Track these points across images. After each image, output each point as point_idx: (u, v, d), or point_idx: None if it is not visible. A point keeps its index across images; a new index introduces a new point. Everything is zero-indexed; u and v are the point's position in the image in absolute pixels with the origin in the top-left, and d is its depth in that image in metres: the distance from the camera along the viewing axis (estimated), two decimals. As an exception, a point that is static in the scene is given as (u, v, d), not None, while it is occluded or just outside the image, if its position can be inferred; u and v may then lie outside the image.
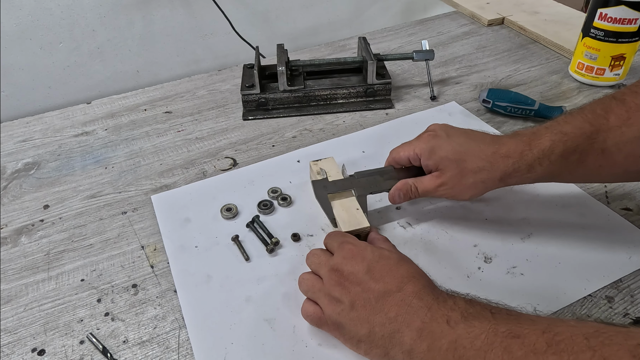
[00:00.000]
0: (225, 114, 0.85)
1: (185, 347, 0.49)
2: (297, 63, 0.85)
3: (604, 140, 0.48)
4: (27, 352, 0.50)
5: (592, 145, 0.49)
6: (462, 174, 0.53)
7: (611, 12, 0.79)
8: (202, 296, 0.54)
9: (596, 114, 0.49)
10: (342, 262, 0.46)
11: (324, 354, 0.47)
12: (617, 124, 0.48)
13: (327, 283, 0.46)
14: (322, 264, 0.48)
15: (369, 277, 0.44)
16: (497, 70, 0.93)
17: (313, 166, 0.66)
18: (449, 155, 0.54)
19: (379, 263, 0.45)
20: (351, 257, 0.46)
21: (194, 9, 1.16)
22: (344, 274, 0.45)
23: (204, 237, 0.61)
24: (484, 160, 0.52)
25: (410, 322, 0.40)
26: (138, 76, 1.18)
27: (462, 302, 0.40)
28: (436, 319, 0.39)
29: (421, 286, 0.42)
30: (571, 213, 0.61)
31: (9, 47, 1.02)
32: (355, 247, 0.47)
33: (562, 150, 0.49)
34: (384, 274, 0.44)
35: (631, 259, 0.55)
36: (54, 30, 1.04)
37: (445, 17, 1.15)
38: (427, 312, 0.40)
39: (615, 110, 0.49)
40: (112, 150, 0.78)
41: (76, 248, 0.61)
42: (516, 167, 0.51)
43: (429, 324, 0.39)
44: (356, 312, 0.43)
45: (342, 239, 0.49)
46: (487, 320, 0.37)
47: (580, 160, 0.50)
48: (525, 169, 0.51)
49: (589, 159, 0.49)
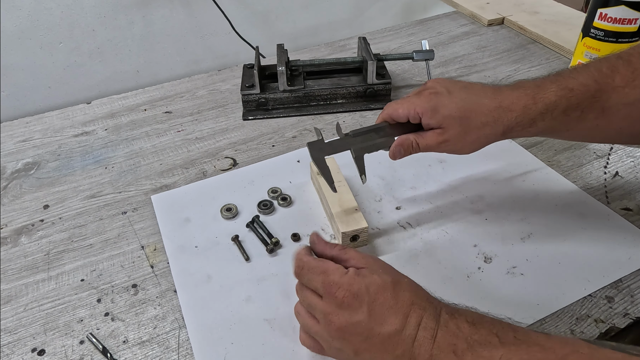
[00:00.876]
0: (225, 114, 0.85)
1: (185, 347, 0.49)
2: (297, 63, 0.85)
3: (607, 100, 0.48)
4: (27, 352, 0.50)
5: (594, 103, 0.48)
6: (465, 130, 0.51)
7: (611, 12, 0.79)
8: (202, 296, 0.54)
9: (602, 72, 0.49)
10: (338, 313, 0.40)
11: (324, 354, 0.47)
12: (621, 84, 0.47)
13: (326, 332, 0.42)
14: (314, 307, 0.43)
15: (372, 324, 0.39)
16: (497, 70, 0.93)
17: (313, 166, 0.66)
18: (452, 113, 0.51)
19: (377, 301, 0.40)
20: (348, 306, 0.40)
21: (194, 9, 1.16)
22: (343, 327, 0.40)
23: (204, 237, 0.61)
24: (488, 116, 0.50)
25: (417, 356, 0.38)
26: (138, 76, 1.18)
27: (465, 325, 0.38)
28: (442, 349, 0.37)
29: (423, 311, 0.40)
30: (571, 213, 0.61)
31: (9, 47, 1.02)
32: (347, 291, 0.40)
33: (566, 106, 0.49)
34: (385, 314, 0.40)
35: (631, 259, 0.55)
36: (54, 30, 1.04)
37: (445, 17, 1.15)
38: (433, 343, 0.38)
39: (621, 71, 0.48)
40: (112, 150, 0.78)
41: (76, 248, 0.61)
42: (519, 120, 0.50)
43: (436, 356, 0.38)
44: (361, 357, 0.41)
45: (324, 279, 0.42)
46: (496, 348, 0.35)
47: (580, 117, 0.49)
48: (528, 123, 0.50)
49: (589, 116, 0.49)
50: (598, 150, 0.72)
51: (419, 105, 0.52)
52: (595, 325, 0.49)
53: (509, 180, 0.64)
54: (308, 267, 0.44)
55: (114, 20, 1.09)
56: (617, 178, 0.67)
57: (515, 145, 0.73)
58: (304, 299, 0.44)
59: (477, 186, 0.66)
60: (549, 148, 0.73)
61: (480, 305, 0.50)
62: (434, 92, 0.53)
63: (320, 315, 0.42)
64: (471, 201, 0.64)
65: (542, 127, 0.50)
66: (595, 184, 0.66)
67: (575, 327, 0.49)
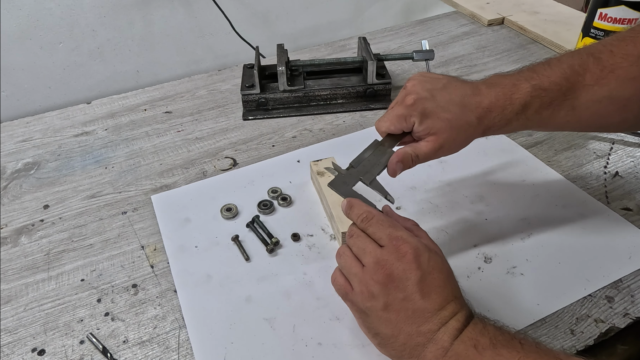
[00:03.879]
0: (225, 114, 0.85)
1: (185, 347, 0.49)
2: (297, 63, 0.85)
3: (576, 98, 0.49)
4: (27, 352, 0.50)
5: (565, 102, 0.50)
6: (457, 132, 0.52)
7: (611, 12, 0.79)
8: (202, 296, 0.54)
9: (574, 70, 0.50)
10: (394, 263, 0.42)
11: (324, 353, 0.48)
12: (590, 82, 0.49)
13: (369, 275, 0.42)
14: (367, 253, 0.43)
15: (417, 289, 0.41)
16: (497, 70, 0.93)
17: (313, 166, 0.66)
18: (440, 117, 0.51)
19: (431, 275, 0.41)
20: (407, 261, 0.41)
21: (194, 9, 1.16)
22: (392, 276, 0.41)
23: (204, 237, 0.61)
24: (471, 116, 0.51)
25: (439, 340, 0.39)
26: (138, 76, 1.18)
27: (492, 327, 0.40)
28: (464, 341, 0.39)
29: (461, 307, 0.41)
30: (571, 213, 0.61)
31: (9, 47, 1.02)
32: (412, 249, 0.42)
33: (539, 106, 0.50)
34: (432, 290, 0.41)
35: (631, 258, 0.55)
36: (54, 30, 1.04)
37: (445, 17, 1.15)
38: (458, 335, 0.39)
39: (591, 69, 0.49)
40: (112, 150, 0.78)
41: (76, 248, 0.61)
42: (496, 121, 0.51)
43: (456, 345, 0.39)
44: (387, 314, 0.41)
45: (392, 232, 0.43)
46: (516, 350, 0.37)
47: (552, 115, 0.51)
48: (504, 122, 0.51)
49: (560, 114, 0.50)
50: (598, 150, 0.72)
51: (407, 116, 0.52)
52: (595, 325, 0.49)
53: (509, 180, 0.64)
54: (378, 219, 0.45)
55: (114, 20, 1.09)
56: (617, 178, 0.67)
57: (515, 146, 0.73)
58: (358, 244, 0.45)
59: (477, 186, 0.66)
60: (549, 148, 0.73)
61: (480, 305, 0.51)
62: (417, 97, 0.52)
63: (372, 260, 0.43)
64: (471, 201, 0.64)
65: (516, 126, 0.52)
66: (595, 184, 0.66)
67: (575, 327, 0.49)
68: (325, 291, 0.53)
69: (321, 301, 0.53)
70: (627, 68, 0.47)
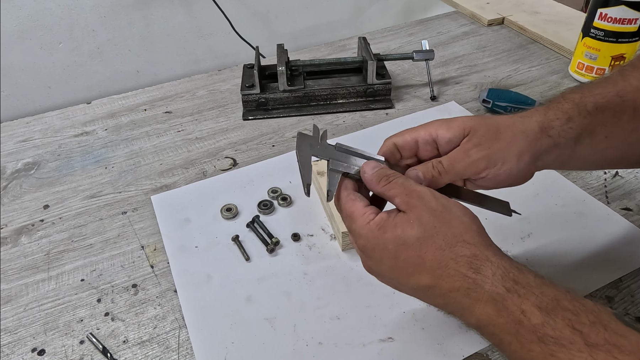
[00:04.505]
0: (225, 114, 0.85)
1: (185, 347, 0.49)
2: (297, 63, 0.85)
3: (634, 100, 0.43)
4: (27, 352, 0.50)
5: (622, 103, 0.43)
6: (496, 129, 0.42)
7: (611, 12, 0.79)
8: (203, 296, 0.54)
9: (613, 79, 0.45)
10: (362, 257, 0.40)
11: (325, 353, 0.48)
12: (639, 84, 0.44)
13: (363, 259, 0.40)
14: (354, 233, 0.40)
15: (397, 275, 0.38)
16: (497, 70, 0.93)
17: (313, 166, 0.66)
18: (471, 118, 0.43)
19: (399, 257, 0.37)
20: (369, 256, 0.39)
21: (194, 9, 1.16)
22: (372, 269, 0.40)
23: (204, 237, 0.61)
24: (512, 117, 0.43)
25: (463, 316, 0.36)
26: (138, 76, 1.18)
27: (535, 310, 0.33)
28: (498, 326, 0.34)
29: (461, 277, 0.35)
30: (571, 213, 0.61)
31: (9, 47, 1.02)
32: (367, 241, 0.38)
33: (594, 103, 0.43)
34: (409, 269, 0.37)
35: (631, 258, 0.55)
36: (54, 30, 1.04)
37: (445, 17, 1.15)
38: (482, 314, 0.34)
39: (633, 74, 0.45)
40: (112, 150, 0.78)
41: (76, 248, 0.61)
42: (551, 115, 0.43)
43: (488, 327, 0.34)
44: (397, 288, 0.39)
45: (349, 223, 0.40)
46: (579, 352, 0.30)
47: (615, 116, 0.43)
48: (564, 116, 0.42)
49: (624, 117, 0.43)
50: (598, 150, 0.72)
51: (429, 126, 0.43)
52: (595, 325, 0.49)
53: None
54: (340, 207, 0.41)
55: (114, 20, 1.09)
56: (617, 178, 0.67)
57: (515, 145, 0.73)
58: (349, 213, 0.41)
59: (477, 186, 0.66)
60: (549, 148, 0.72)
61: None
62: (441, 120, 0.44)
63: (356, 244, 0.40)
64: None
65: (580, 124, 0.43)
66: (595, 183, 0.66)
67: (575, 326, 0.49)
68: (325, 291, 0.53)
69: (321, 301, 0.53)
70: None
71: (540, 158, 0.43)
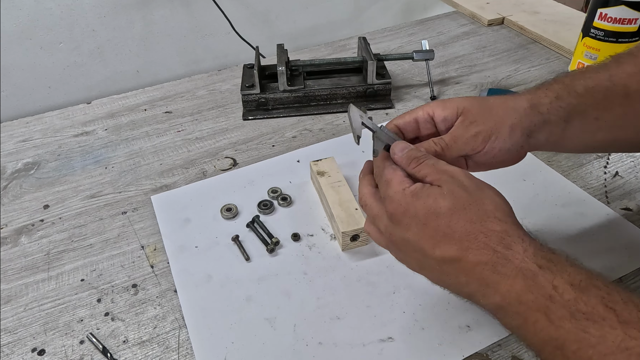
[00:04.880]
0: (225, 114, 0.85)
1: (185, 347, 0.49)
2: (297, 63, 0.85)
3: (626, 85, 0.44)
4: (27, 352, 0.50)
5: (613, 86, 0.44)
6: (488, 107, 0.44)
7: (611, 12, 0.79)
8: (203, 296, 0.54)
9: (607, 65, 0.46)
10: (388, 224, 0.40)
11: (325, 353, 0.48)
12: (634, 70, 0.45)
13: (387, 239, 0.41)
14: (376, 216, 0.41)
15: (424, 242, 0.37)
16: (497, 70, 0.93)
17: (313, 166, 0.66)
18: (465, 98, 0.46)
19: (428, 226, 0.37)
20: (397, 220, 0.39)
21: (194, 9, 1.16)
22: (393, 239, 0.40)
23: (204, 237, 0.61)
24: (504, 97, 0.45)
25: (486, 295, 0.35)
26: (138, 76, 1.18)
27: (568, 287, 0.32)
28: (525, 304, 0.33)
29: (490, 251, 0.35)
30: (571, 213, 0.61)
31: (9, 47, 1.02)
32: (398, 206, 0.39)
33: (584, 85, 0.45)
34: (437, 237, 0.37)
35: (631, 258, 0.55)
36: (54, 30, 1.04)
37: (445, 17, 1.15)
38: (509, 291, 0.34)
39: (627, 61, 0.45)
40: (112, 150, 0.78)
41: (76, 248, 0.61)
42: (541, 94, 0.45)
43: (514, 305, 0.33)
44: (425, 272, 0.39)
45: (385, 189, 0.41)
46: (611, 328, 0.29)
47: (605, 99, 0.44)
48: (552, 94, 0.44)
49: (615, 100, 0.44)
50: (598, 150, 0.72)
51: (426, 106, 0.46)
52: (595, 325, 0.49)
53: (509, 179, 0.64)
54: (380, 174, 0.43)
55: (114, 20, 1.09)
56: (617, 178, 0.67)
57: (515, 145, 0.73)
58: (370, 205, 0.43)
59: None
60: (549, 148, 0.73)
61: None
62: (438, 100, 0.48)
63: (383, 223, 0.41)
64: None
65: (571, 103, 0.44)
66: (595, 183, 0.66)
67: (575, 326, 0.49)
68: (325, 291, 0.53)
69: (321, 301, 0.52)
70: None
71: (532, 135, 0.44)
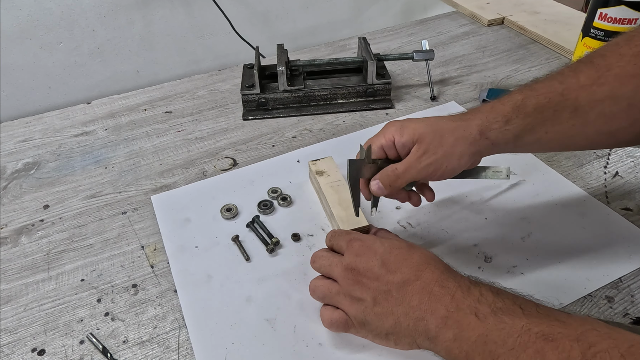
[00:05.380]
0: (225, 114, 0.85)
1: (185, 347, 0.49)
2: (297, 63, 0.85)
3: (576, 98, 0.47)
4: (27, 352, 0.50)
5: (564, 101, 0.48)
6: (440, 135, 0.49)
7: (611, 12, 0.79)
8: (203, 296, 0.54)
9: (565, 74, 0.49)
10: (355, 260, 0.46)
11: (325, 354, 0.48)
12: (587, 83, 0.47)
13: (345, 284, 0.46)
14: (333, 265, 0.47)
15: (385, 270, 0.44)
16: (497, 70, 0.93)
17: (312, 166, 0.66)
18: (420, 125, 0.50)
19: (391, 254, 0.45)
20: (363, 254, 0.46)
21: (194, 9, 1.16)
22: (359, 271, 0.45)
23: (204, 237, 0.61)
24: (456, 120, 0.50)
25: (434, 310, 0.40)
26: (138, 76, 1.18)
27: (489, 293, 0.40)
28: (462, 309, 0.39)
29: (440, 272, 0.42)
30: (571, 213, 0.61)
31: (9, 47, 1.02)
32: (364, 243, 0.47)
33: (535, 104, 0.48)
34: (399, 264, 0.44)
35: (631, 258, 0.55)
36: (54, 30, 1.04)
37: (445, 17, 1.15)
38: (451, 300, 0.40)
39: (584, 71, 0.48)
40: (112, 150, 0.78)
41: (76, 248, 0.61)
42: (491, 119, 0.49)
43: (454, 313, 0.39)
44: (380, 307, 0.43)
45: (348, 237, 0.49)
46: (519, 317, 0.37)
47: (555, 115, 0.48)
48: (502, 120, 0.49)
49: (564, 115, 0.48)
50: (598, 150, 0.72)
51: (387, 133, 0.52)
52: (595, 325, 0.49)
53: (509, 179, 0.64)
54: (339, 232, 0.51)
55: (114, 20, 1.09)
56: (617, 178, 0.67)
57: (515, 145, 0.73)
58: (323, 261, 0.49)
59: (476, 185, 0.66)
60: (549, 148, 0.73)
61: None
62: (394, 122, 0.53)
63: (339, 269, 0.47)
64: (471, 200, 0.64)
65: (520, 125, 0.48)
66: (595, 184, 0.66)
67: (575, 327, 0.49)
68: (325, 291, 0.53)
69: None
70: (623, 66, 0.46)
71: (482, 154, 0.51)
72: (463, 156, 0.49)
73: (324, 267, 0.49)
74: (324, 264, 0.49)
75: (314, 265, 0.50)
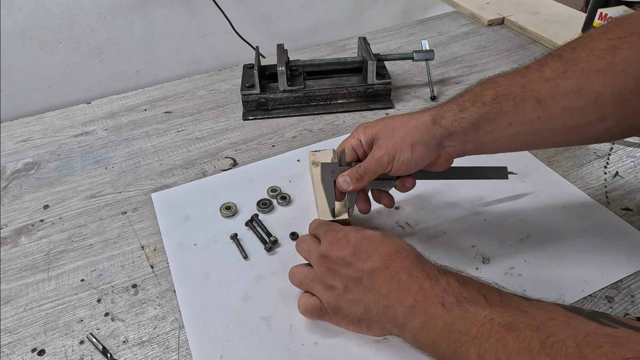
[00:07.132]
0: (225, 114, 0.85)
1: (185, 347, 0.49)
2: (297, 63, 0.86)
3: (538, 91, 0.47)
4: (27, 352, 0.50)
5: (525, 93, 0.47)
6: (392, 128, 0.52)
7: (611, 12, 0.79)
8: (200, 294, 0.54)
9: (530, 68, 0.49)
10: (328, 248, 0.48)
11: (320, 352, 0.48)
12: (552, 76, 0.47)
13: (318, 271, 0.48)
14: (311, 252, 0.50)
15: (356, 259, 0.45)
16: (497, 70, 0.93)
17: (311, 156, 0.67)
18: (380, 123, 0.54)
19: (363, 243, 0.46)
20: (336, 242, 0.48)
21: (194, 9, 1.16)
22: (332, 259, 0.47)
23: (203, 235, 0.61)
24: (412, 114, 0.52)
25: (402, 299, 0.42)
26: (138, 76, 1.19)
27: (456, 283, 0.41)
28: (429, 299, 0.41)
29: (409, 262, 0.44)
30: (570, 214, 0.61)
31: (9, 47, 1.02)
32: (338, 232, 0.49)
33: (494, 94, 0.48)
34: (370, 253, 0.45)
35: (631, 259, 0.55)
36: (54, 30, 1.05)
37: (445, 17, 1.15)
38: (419, 289, 0.42)
39: (551, 64, 0.48)
40: (112, 150, 0.78)
41: (76, 248, 0.61)
42: (445, 108, 0.50)
43: (421, 302, 0.41)
44: (351, 294, 0.45)
45: (326, 227, 0.51)
46: (482, 307, 0.38)
47: (516, 107, 0.48)
48: (456, 108, 0.50)
49: (525, 107, 0.47)
50: (598, 151, 0.72)
51: (355, 134, 0.55)
52: (594, 325, 0.49)
53: (508, 180, 0.64)
54: (321, 222, 0.55)
55: (114, 20, 1.09)
56: (617, 178, 0.67)
57: (514, 145, 0.73)
58: (304, 245, 0.52)
59: (475, 186, 0.66)
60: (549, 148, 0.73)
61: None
62: (363, 123, 0.56)
63: (315, 256, 0.49)
64: (470, 201, 0.64)
65: (475, 113, 0.49)
66: (595, 184, 0.66)
67: (574, 327, 0.49)
68: (324, 291, 0.53)
69: (320, 301, 0.53)
70: (592, 61, 0.45)
71: (444, 144, 0.51)
72: (416, 145, 0.50)
73: (304, 250, 0.51)
74: (304, 248, 0.52)
75: (297, 247, 0.52)
